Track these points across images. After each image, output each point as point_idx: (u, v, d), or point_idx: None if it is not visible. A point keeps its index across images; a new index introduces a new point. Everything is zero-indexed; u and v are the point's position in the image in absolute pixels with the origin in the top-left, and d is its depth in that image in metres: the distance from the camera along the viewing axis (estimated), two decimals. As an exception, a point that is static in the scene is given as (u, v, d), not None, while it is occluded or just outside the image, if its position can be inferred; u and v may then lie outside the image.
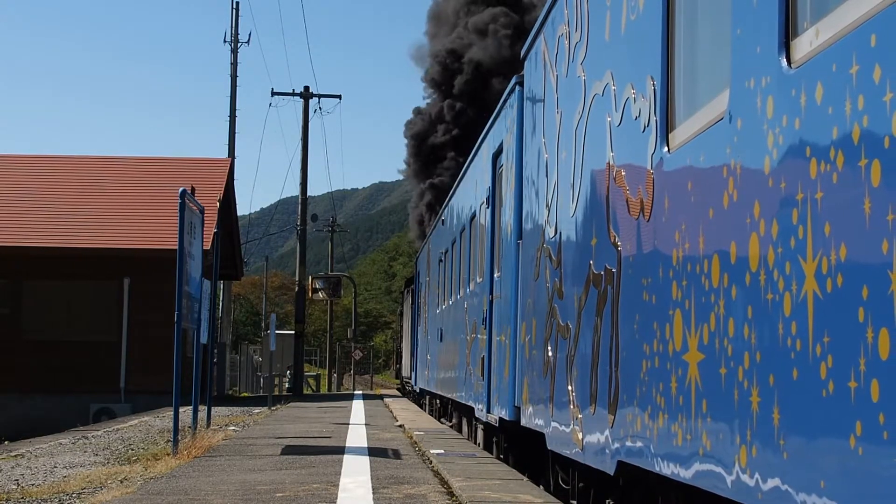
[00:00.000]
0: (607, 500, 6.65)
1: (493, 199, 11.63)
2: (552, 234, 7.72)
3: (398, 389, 45.43)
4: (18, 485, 9.18)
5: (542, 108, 8.38)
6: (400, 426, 16.69)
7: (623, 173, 5.66)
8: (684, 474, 4.51)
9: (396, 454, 11.20)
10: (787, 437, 3.45)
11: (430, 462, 10.36)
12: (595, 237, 6.30)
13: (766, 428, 3.62)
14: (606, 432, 5.91)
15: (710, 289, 4.22)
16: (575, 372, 6.79)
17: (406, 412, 22.14)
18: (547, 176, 8.05)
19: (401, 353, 42.10)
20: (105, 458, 11.62)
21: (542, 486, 8.96)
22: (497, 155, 11.39)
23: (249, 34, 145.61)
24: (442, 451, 11.45)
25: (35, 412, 24.31)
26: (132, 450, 12.37)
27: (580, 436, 6.61)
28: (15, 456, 12.26)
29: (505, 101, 10.72)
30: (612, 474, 5.84)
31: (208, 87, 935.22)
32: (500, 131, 11.05)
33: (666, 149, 4.90)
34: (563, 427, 7.14)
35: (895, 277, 2.78)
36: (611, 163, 5.94)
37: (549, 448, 7.80)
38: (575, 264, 6.90)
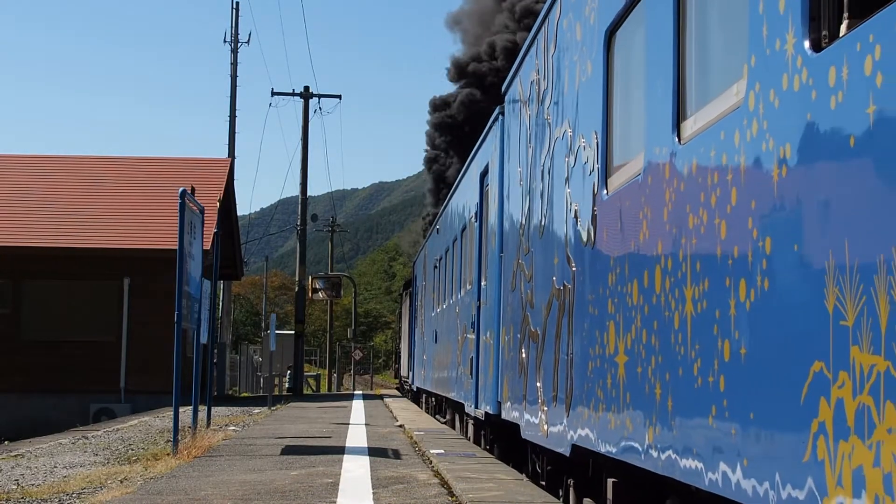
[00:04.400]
0: (568, 480, 7.85)
1: (481, 214, 12.83)
2: (525, 251, 8.92)
3: (397, 389, 46.38)
4: (18, 485, 9.21)
5: (518, 141, 9.58)
6: (400, 426, 16.92)
7: (576, 207, 6.85)
8: (615, 451, 5.71)
9: (396, 454, 11.40)
10: (675, 419, 4.65)
11: (431, 462, 10.65)
12: (557, 257, 7.49)
13: (663, 413, 4.81)
14: (564, 422, 7.10)
15: (632, 306, 5.42)
16: (542, 371, 7.99)
17: (406, 412, 22.51)
18: (521, 199, 9.25)
19: (400, 353, 43.16)
20: (105, 458, 11.63)
21: (524, 474, 10.15)
22: (484, 174, 12.58)
23: (249, 34, 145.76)
24: (442, 451, 11.73)
25: (35, 412, 24.35)
26: (132, 450, 12.39)
27: (546, 426, 7.80)
28: (15, 456, 12.28)
29: (490, 127, 11.91)
30: (567, 455, 7.04)
31: (209, 85, 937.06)
32: (487, 154, 12.25)
33: (605, 191, 6.09)
34: (533, 419, 8.34)
35: (733, 304, 3.98)
36: (568, 197, 7.13)
37: (522, 437, 9.00)
38: (542, 279, 8.10)
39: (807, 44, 3.37)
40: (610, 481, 6.22)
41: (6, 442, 15.70)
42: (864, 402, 2.95)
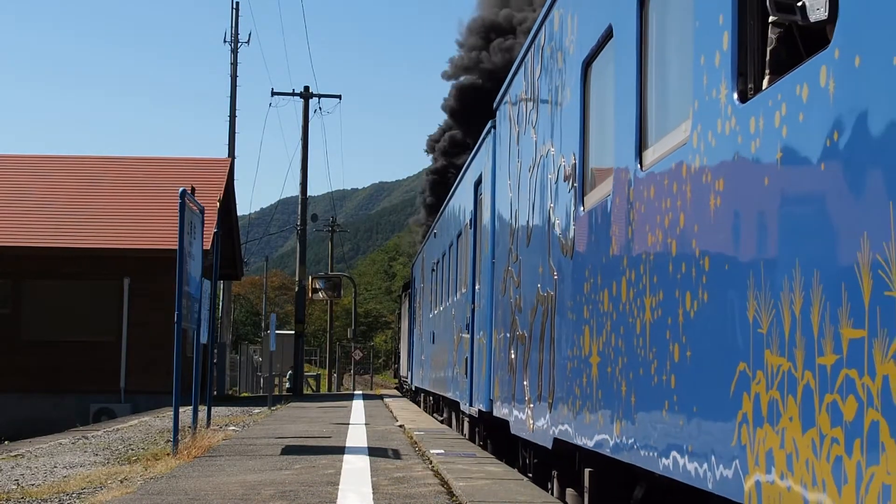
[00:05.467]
0: (553, 471, 8.48)
1: (475, 222, 13.47)
2: (514, 259, 9.56)
3: (397, 388, 46.87)
4: (18, 485, 9.20)
5: (508, 155, 10.22)
6: (400, 426, 16.99)
7: (557, 221, 7.49)
8: (591, 444, 6.34)
9: (396, 454, 11.48)
10: (637, 413, 5.28)
11: (430, 462, 10.74)
12: (541, 266, 8.12)
13: (627, 408, 5.45)
14: (547, 417, 7.73)
15: (603, 312, 6.05)
16: (528, 371, 8.62)
17: (405, 412, 22.72)
18: (511, 209, 9.88)
19: (399, 353, 43.70)
20: (105, 458, 11.63)
21: (516, 468, 10.78)
22: (478, 184, 13.22)
23: (249, 34, 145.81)
24: (442, 451, 11.86)
25: (35, 412, 24.39)
26: (132, 450, 12.38)
27: (531, 422, 8.43)
28: (15, 456, 12.25)
29: (483, 139, 12.55)
30: (550, 448, 7.67)
31: (209, 85, 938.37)
32: (480, 164, 12.89)
33: (582, 208, 6.72)
34: (521, 415, 8.97)
35: (681, 313, 4.61)
36: (550, 211, 7.77)
37: (511, 432, 9.64)
38: (528, 286, 8.73)
39: (735, 95, 4.00)
40: (587, 471, 6.85)
41: (6, 442, 15.73)
42: (773, 396, 3.59)
